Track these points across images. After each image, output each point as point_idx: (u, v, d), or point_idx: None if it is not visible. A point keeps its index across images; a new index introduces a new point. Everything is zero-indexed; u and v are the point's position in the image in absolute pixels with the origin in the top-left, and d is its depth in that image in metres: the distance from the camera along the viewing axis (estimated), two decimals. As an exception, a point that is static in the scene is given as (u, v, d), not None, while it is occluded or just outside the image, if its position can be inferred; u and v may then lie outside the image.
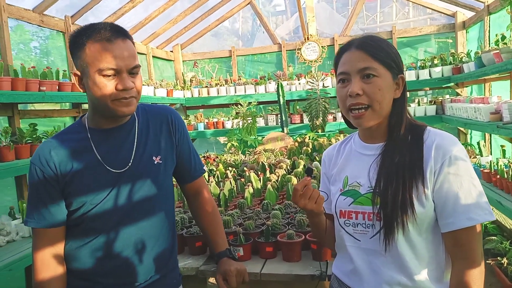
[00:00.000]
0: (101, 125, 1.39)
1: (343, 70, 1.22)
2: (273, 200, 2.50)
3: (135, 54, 1.33)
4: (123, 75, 1.28)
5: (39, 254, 1.34)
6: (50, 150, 1.34)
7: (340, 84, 1.23)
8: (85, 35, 1.27)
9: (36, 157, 1.35)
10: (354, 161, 1.31)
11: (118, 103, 1.30)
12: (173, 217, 1.55)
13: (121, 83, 1.27)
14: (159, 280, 1.47)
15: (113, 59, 1.25)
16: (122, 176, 1.37)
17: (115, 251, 1.37)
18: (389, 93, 1.20)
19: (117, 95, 1.28)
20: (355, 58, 1.19)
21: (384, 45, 1.21)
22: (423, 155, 1.16)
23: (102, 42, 1.25)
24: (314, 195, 1.26)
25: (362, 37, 1.23)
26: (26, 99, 3.25)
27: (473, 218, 1.10)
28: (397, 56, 1.23)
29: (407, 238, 1.16)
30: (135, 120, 1.45)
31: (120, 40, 1.28)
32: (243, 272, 1.55)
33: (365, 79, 1.17)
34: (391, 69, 1.20)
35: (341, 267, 1.34)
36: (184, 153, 1.56)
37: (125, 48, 1.28)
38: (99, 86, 1.27)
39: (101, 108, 1.32)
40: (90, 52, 1.25)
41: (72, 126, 1.44)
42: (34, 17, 4.02)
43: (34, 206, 1.35)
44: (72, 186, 1.34)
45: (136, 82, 1.32)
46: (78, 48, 1.28)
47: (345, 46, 1.26)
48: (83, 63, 1.27)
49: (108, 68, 1.25)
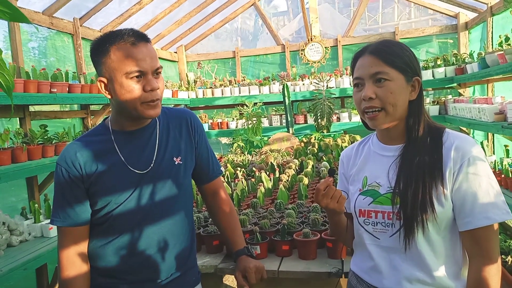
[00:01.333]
0: (125, 127, 1.44)
1: (357, 75, 1.27)
2: (285, 199, 2.55)
3: (156, 56, 1.38)
4: (148, 76, 1.33)
5: (65, 252, 1.39)
6: (75, 152, 1.39)
7: (356, 88, 1.29)
8: (108, 41, 1.32)
9: (62, 158, 1.40)
10: (373, 162, 1.35)
11: (146, 106, 1.34)
12: (192, 216, 1.60)
13: (149, 84, 1.32)
14: (180, 278, 1.51)
15: (138, 62, 1.30)
16: (144, 176, 1.42)
17: (138, 249, 1.41)
18: (402, 95, 1.24)
19: (146, 97, 1.33)
20: (367, 64, 1.24)
21: (397, 49, 1.25)
22: (442, 157, 1.20)
23: (127, 47, 1.30)
24: (336, 195, 1.30)
25: (376, 43, 1.28)
26: (38, 101, 3.29)
27: (491, 217, 1.14)
28: (412, 59, 1.26)
29: (426, 237, 1.20)
30: (156, 123, 1.50)
31: (142, 44, 1.33)
32: (261, 269, 1.59)
33: (378, 83, 1.22)
34: (404, 72, 1.24)
35: (360, 264, 1.38)
36: (202, 154, 1.61)
37: (148, 51, 1.34)
38: (128, 89, 1.31)
39: (128, 111, 1.36)
40: (116, 57, 1.30)
41: (96, 129, 1.49)
42: (44, 20, 4.07)
43: (59, 205, 1.40)
44: (97, 186, 1.38)
45: (160, 84, 1.37)
46: (102, 54, 1.32)
47: (359, 51, 1.31)
48: (109, 69, 1.32)
49: (135, 70, 1.30)
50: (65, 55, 4.58)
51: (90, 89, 3.93)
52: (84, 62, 4.65)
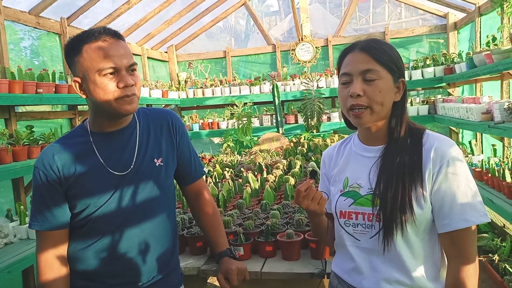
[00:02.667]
0: (103, 129, 1.42)
1: (346, 71, 1.25)
2: (271, 200, 2.54)
3: (130, 53, 1.37)
4: (122, 73, 1.32)
5: (43, 256, 1.37)
6: (53, 154, 1.38)
7: (342, 85, 1.26)
8: (80, 41, 1.31)
9: (40, 161, 1.38)
10: (354, 163, 1.34)
11: (121, 101, 1.33)
12: (174, 218, 1.59)
13: (122, 81, 1.31)
14: (162, 280, 1.50)
15: (111, 58, 1.29)
16: (124, 178, 1.40)
17: (119, 252, 1.40)
18: (389, 95, 1.23)
19: (119, 93, 1.32)
20: (358, 60, 1.22)
21: (387, 48, 1.25)
22: (422, 158, 1.20)
23: (98, 44, 1.30)
24: (316, 197, 1.29)
25: (366, 40, 1.27)
26: (24, 102, 3.25)
27: (469, 219, 1.15)
28: (399, 60, 1.26)
29: (405, 239, 1.20)
30: (136, 123, 1.49)
31: (114, 41, 1.33)
32: (244, 270, 1.59)
33: (367, 80, 1.21)
34: (393, 72, 1.23)
35: (341, 265, 1.38)
36: (184, 155, 1.60)
37: (121, 47, 1.33)
38: (101, 86, 1.30)
39: (105, 110, 1.35)
40: (88, 55, 1.29)
41: (75, 131, 1.47)
42: (30, 19, 4.02)
43: (38, 209, 1.39)
44: (76, 189, 1.37)
45: (136, 80, 1.36)
46: (75, 54, 1.32)
47: (348, 47, 1.28)
48: (82, 68, 1.31)
49: (107, 67, 1.29)
50: (57, 55, 4.54)
51: (77, 89, 3.88)
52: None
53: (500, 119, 3.27)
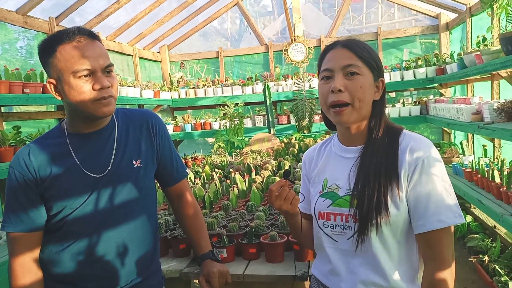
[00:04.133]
0: (80, 130, 1.39)
1: (327, 67, 1.24)
2: (257, 201, 2.52)
3: (106, 53, 1.34)
4: (98, 74, 1.28)
5: (18, 260, 1.33)
6: (29, 155, 1.34)
7: (323, 81, 1.25)
8: (54, 41, 1.28)
9: (16, 161, 1.35)
10: (333, 164, 1.33)
11: (98, 104, 1.30)
12: (155, 220, 1.56)
13: (98, 83, 1.28)
14: (141, 283, 1.48)
15: (86, 60, 1.26)
16: (101, 180, 1.38)
17: (96, 254, 1.38)
18: (369, 93, 1.23)
19: (96, 95, 1.28)
20: (340, 56, 1.22)
21: (367, 47, 1.26)
22: (398, 158, 1.19)
23: (73, 45, 1.26)
24: (289, 196, 1.29)
25: (347, 38, 1.28)
26: (10, 102, 3.21)
27: (443, 220, 1.13)
28: (379, 60, 1.27)
29: (381, 240, 1.19)
30: (114, 124, 1.46)
31: (90, 41, 1.29)
32: (225, 273, 1.57)
33: (348, 76, 1.20)
34: (373, 70, 1.23)
35: (319, 267, 1.36)
36: (165, 156, 1.57)
37: (96, 48, 1.30)
38: (76, 89, 1.27)
39: (81, 112, 1.32)
40: (62, 56, 1.26)
41: (52, 131, 1.45)
42: (17, 19, 3.98)
43: (12, 210, 1.35)
44: (52, 191, 1.34)
45: (112, 82, 1.33)
46: (49, 55, 1.28)
47: (330, 45, 1.29)
48: (56, 69, 1.28)
49: (82, 69, 1.26)
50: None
51: (65, 89, 3.85)
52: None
53: (489, 120, 3.27)
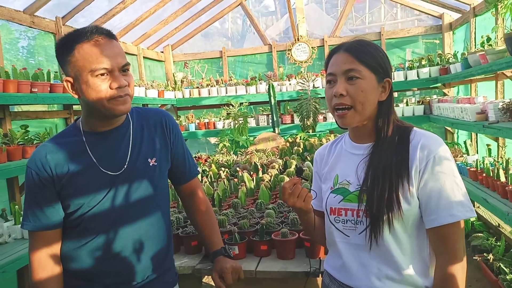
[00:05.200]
0: (96, 128, 1.41)
1: (331, 71, 1.28)
2: (266, 199, 2.54)
3: (123, 53, 1.36)
4: (115, 73, 1.31)
5: (36, 256, 1.36)
6: (46, 154, 1.36)
7: (328, 85, 1.30)
8: (72, 40, 1.29)
9: (32, 160, 1.37)
10: (344, 160, 1.36)
11: (114, 102, 1.32)
12: (168, 217, 1.58)
13: (115, 81, 1.30)
14: (156, 279, 1.49)
15: (104, 59, 1.28)
16: (118, 178, 1.40)
17: (113, 251, 1.40)
18: (372, 95, 1.25)
19: (112, 94, 1.30)
20: (341, 60, 1.25)
21: (371, 49, 1.26)
22: (409, 155, 1.22)
23: (91, 44, 1.28)
24: (302, 194, 1.31)
25: (351, 41, 1.29)
26: (18, 101, 3.24)
27: (455, 214, 1.16)
28: (384, 60, 1.28)
29: (393, 234, 1.21)
30: (129, 123, 1.48)
31: (107, 40, 1.31)
32: (238, 269, 1.58)
33: (350, 80, 1.23)
34: (376, 72, 1.25)
35: (331, 262, 1.39)
36: (178, 155, 1.59)
37: (114, 48, 1.32)
38: (93, 87, 1.29)
39: (97, 110, 1.34)
40: (80, 55, 1.28)
41: (67, 130, 1.46)
42: (25, 18, 4.00)
43: (30, 209, 1.38)
44: (69, 189, 1.36)
45: (129, 80, 1.35)
46: (67, 53, 1.30)
47: (334, 48, 1.31)
48: (74, 68, 1.29)
49: (100, 68, 1.28)
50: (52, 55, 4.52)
51: (72, 89, 3.87)
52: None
53: (494, 119, 3.29)
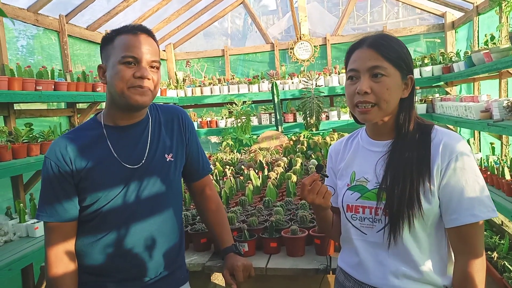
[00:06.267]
0: (117, 122, 1.43)
1: (353, 67, 1.23)
2: (273, 197, 2.54)
3: (157, 51, 1.41)
4: (142, 64, 1.35)
5: (53, 249, 1.36)
6: (66, 146, 1.37)
7: (349, 81, 1.25)
8: (115, 32, 1.38)
9: (52, 151, 1.37)
10: (361, 157, 1.34)
11: (133, 90, 1.34)
12: (181, 214, 1.59)
13: (139, 71, 1.34)
14: (168, 276, 1.49)
15: (134, 49, 1.34)
16: (136, 172, 1.40)
17: (127, 247, 1.40)
18: (396, 92, 1.22)
19: (133, 82, 1.33)
20: (365, 56, 1.21)
21: (395, 45, 1.23)
22: (430, 153, 1.20)
23: (128, 35, 1.35)
24: (322, 190, 1.29)
25: (374, 35, 1.25)
26: (23, 99, 3.23)
27: (477, 215, 1.15)
28: (408, 56, 1.25)
29: (412, 233, 1.20)
30: (148, 119, 1.50)
31: (145, 36, 1.38)
32: (249, 267, 1.59)
33: (374, 77, 1.19)
34: (401, 69, 1.22)
35: (347, 260, 1.38)
36: (193, 151, 1.60)
37: (148, 43, 1.37)
38: (119, 73, 1.33)
39: (118, 98, 1.36)
40: (116, 43, 1.35)
41: (88, 123, 1.48)
42: (29, 16, 4.00)
43: (47, 200, 1.37)
44: (87, 182, 1.36)
45: (154, 77, 1.38)
46: (107, 42, 1.39)
47: (356, 43, 1.27)
48: (108, 55, 1.37)
49: (129, 55, 1.33)
50: (52, 54, 4.51)
51: (76, 87, 3.87)
52: (70, 59, 4.59)
53: (499, 117, 3.29)
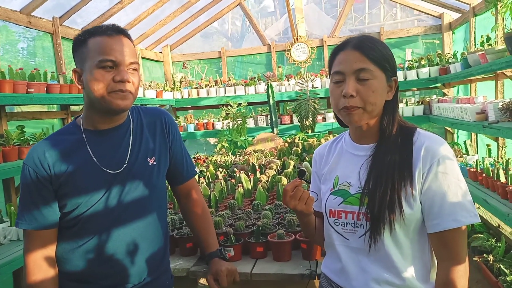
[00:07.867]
0: (97, 126, 1.40)
1: (338, 69, 1.20)
2: (263, 200, 2.52)
3: (134, 52, 1.37)
4: (121, 67, 1.31)
5: (31, 256, 1.34)
6: (44, 151, 1.34)
7: (335, 84, 1.22)
8: (88, 33, 1.33)
9: (30, 158, 1.35)
10: (345, 161, 1.32)
11: (114, 95, 1.31)
12: (165, 219, 1.56)
13: (119, 75, 1.30)
14: (152, 282, 1.47)
15: (112, 52, 1.30)
16: (117, 176, 1.38)
17: (108, 253, 1.37)
18: (382, 95, 1.20)
19: (114, 86, 1.30)
20: (351, 58, 1.18)
21: (380, 47, 1.21)
22: (412, 157, 1.18)
23: (103, 37, 1.31)
24: (304, 196, 1.27)
25: (359, 37, 1.22)
26: (14, 101, 3.21)
27: (459, 220, 1.12)
28: (392, 58, 1.23)
29: (394, 238, 1.18)
30: (130, 122, 1.47)
31: (121, 36, 1.34)
32: (233, 272, 1.56)
33: (360, 80, 1.17)
34: (386, 71, 1.20)
35: (330, 265, 1.35)
36: (177, 154, 1.58)
37: (125, 44, 1.33)
38: (97, 78, 1.29)
39: (98, 104, 1.33)
40: (91, 46, 1.30)
41: (67, 127, 1.45)
42: (21, 18, 3.98)
43: (25, 207, 1.35)
44: (67, 188, 1.34)
45: (134, 79, 1.35)
46: (80, 44, 1.33)
47: (341, 45, 1.24)
48: (83, 58, 1.32)
49: (107, 59, 1.29)
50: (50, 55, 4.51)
51: (69, 89, 3.84)
52: (64, 61, 4.57)
53: (494, 119, 3.26)
